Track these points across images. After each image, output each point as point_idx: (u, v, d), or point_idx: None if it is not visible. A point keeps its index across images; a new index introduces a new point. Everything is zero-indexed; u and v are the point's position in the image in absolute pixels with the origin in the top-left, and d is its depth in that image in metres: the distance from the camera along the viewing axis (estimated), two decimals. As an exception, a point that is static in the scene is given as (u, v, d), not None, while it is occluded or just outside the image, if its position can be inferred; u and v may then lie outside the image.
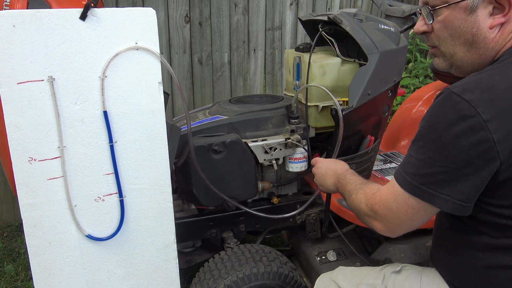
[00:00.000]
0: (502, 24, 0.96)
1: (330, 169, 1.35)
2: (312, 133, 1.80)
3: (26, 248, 1.31)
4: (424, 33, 1.06)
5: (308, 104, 1.73)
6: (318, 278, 1.39)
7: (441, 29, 1.01)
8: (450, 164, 0.90)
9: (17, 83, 1.18)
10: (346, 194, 1.21)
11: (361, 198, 1.12)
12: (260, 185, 1.75)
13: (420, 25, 1.06)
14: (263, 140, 1.67)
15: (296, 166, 1.74)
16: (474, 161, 0.88)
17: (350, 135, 1.71)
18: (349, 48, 1.77)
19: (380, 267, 1.26)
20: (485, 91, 0.89)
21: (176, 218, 1.47)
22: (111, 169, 1.32)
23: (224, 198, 1.62)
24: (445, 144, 0.90)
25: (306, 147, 1.72)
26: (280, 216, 1.72)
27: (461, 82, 0.92)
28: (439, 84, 2.33)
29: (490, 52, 0.99)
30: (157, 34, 1.26)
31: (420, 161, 0.95)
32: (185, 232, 1.67)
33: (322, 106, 1.71)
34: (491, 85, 0.90)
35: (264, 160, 1.68)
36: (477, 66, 1.02)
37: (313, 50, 1.69)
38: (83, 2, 1.17)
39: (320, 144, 1.90)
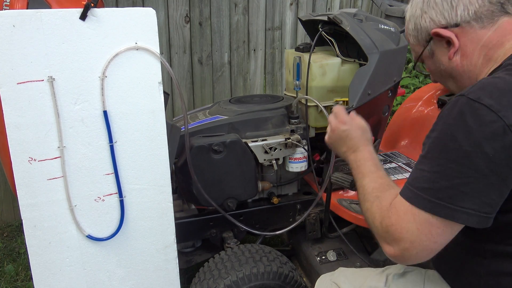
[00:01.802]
0: (457, 49, 1.02)
1: (348, 138, 1.21)
2: (312, 133, 1.80)
3: (26, 248, 1.31)
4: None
5: (308, 104, 1.73)
6: (319, 279, 1.39)
7: (430, 72, 1.16)
8: (473, 174, 0.84)
9: (17, 83, 1.18)
10: (359, 189, 1.10)
11: (375, 212, 1.00)
12: (260, 185, 1.75)
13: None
14: (263, 140, 1.67)
15: (296, 166, 1.74)
16: (499, 169, 0.83)
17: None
18: (349, 48, 1.77)
19: (382, 269, 1.25)
20: (503, 94, 0.85)
21: (176, 218, 1.47)
22: (111, 169, 1.32)
23: (211, 203, 1.62)
24: (467, 153, 0.84)
25: (306, 147, 1.72)
26: (269, 233, 1.75)
27: (475, 88, 0.88)
28: (439, 84, 2.32)
29: (474, 68, 1.02)
30: (157, 34, 1.26)
31: (436, 174, 0.87)
32: (185, 232, 1.67)
33: (322, 106, 1.72)
34: (508, 88, 0.86)
35: (264, 160, 1.68)
36: (474, 81, 1.00)
37: (313, 50, 1.69)
38: (83, 2, 1.17)
39: (320, 144, 1.90)
